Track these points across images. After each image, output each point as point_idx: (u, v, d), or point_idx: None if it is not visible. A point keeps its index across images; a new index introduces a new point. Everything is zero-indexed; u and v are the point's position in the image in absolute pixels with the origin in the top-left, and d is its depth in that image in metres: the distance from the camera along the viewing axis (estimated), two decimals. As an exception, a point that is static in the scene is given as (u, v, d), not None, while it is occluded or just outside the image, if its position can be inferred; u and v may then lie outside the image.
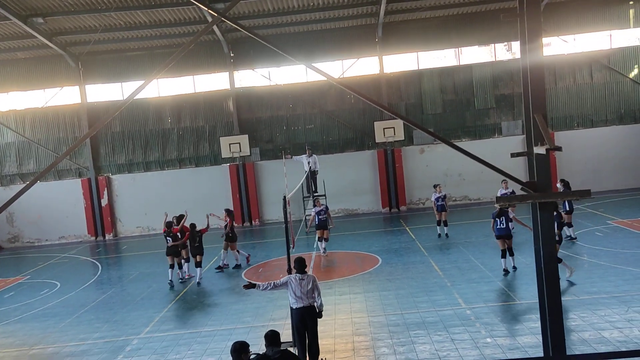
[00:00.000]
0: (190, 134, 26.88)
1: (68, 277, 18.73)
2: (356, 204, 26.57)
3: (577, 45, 25.91)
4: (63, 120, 26.92)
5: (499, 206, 7.56)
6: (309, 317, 9.03)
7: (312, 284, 9.07)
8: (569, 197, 7.23)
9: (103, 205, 26.71)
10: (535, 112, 7.09)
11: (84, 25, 23.62)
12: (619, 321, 10.06)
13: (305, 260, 9.35)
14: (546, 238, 7.31)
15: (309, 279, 9.11)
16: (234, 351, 6.31)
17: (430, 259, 16.12)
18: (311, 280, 9.10)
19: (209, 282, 16.03)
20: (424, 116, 26.32)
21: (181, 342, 11.23)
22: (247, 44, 26.06)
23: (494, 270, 14.21)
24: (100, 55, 26.28)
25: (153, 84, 26.06)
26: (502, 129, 26.32)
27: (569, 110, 26.10)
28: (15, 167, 27.11)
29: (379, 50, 25.98)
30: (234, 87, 26.44)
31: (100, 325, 13.02)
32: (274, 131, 26.79)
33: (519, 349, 9.28)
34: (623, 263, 13.76)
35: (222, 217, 18.01)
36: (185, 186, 26.59)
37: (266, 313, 12.56)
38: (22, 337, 12.72)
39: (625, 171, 25.32)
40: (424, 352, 9.51)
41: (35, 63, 26.45)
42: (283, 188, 15.57)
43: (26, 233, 27.09)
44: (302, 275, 9.09)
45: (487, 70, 26.09)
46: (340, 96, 26.36)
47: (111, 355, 10.91)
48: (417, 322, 11.03)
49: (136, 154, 27.01)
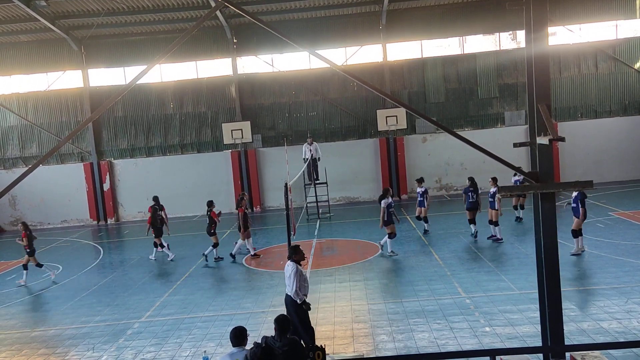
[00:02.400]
0: (193, 120, 26.85)
1: (70, 260, 18.83)
2: (357, 192, 26.58)
3: (583, 35, 25.73)
4: (65, 104, 26.90)
5: (497, 190, 7.53)
6: (287, 304, 9.12)
7: (287, 272, 9.10)
8: (570, 187, 7.23)
9: (105, 190, 26.78)
10: (539, 102, 7.07)
11: (87, 9, 23.51)
12: (618, 312, 10.09)
13: (295, 248, 9.30)
14: (547, 229, 7.32)
15: (287, 266, 9.18)
16: (234, 336, 6.35)
17: (430, 247, 16.15)
18: (286, 267, 9.16)
19: (210, 268, 16.11)
20: (427, 105, 26.24)
21: (182, 327, 11.30)
22: (250, 30, 25.94)
23: (494, 260, 14.25)
24: (103, 39, 26.19)
25: (156, 69, 26.00)
26: (505, 118, 26.24)
27: (573, 101, 26.00)
28: (17, 151, 27.14)
29: (382, 38, 25.84)
30: (237, 73, 26.37)
31: (101, 308, 13.10)
32: (276, 118, 26.74)
33: (518, 338, 9.33)
34: (623, 254, 13.78)
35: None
36: (186, 172, 26.65)
37: (266, 299, 12.62)
38: (23, 320, 12.82)
39: (628, 163, 25.27)
40: (423, 340, 9.56)
41: (38, 46, 26.38)
42: (284, 175, 15.61)
43: (29, 216, 27.16)
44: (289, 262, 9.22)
45: (491, 60, 25.96)
46: (343, 84, 26.27)
47: (112, 338, 10.99)
48: (417, 310, 11.07)
49: (138, 139, 27.01)
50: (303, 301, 9.03)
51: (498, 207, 15.85)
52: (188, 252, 18.38)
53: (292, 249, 9.29)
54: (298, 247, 9.35)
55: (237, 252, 16.85)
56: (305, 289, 9.13)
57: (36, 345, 11.03)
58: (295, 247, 9.31)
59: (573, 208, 14.29)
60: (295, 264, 9.12)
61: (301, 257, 9.20)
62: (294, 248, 9.28)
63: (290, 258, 9.19)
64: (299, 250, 9.23)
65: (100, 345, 10.72)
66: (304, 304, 9.04)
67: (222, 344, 10.10)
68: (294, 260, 9.16)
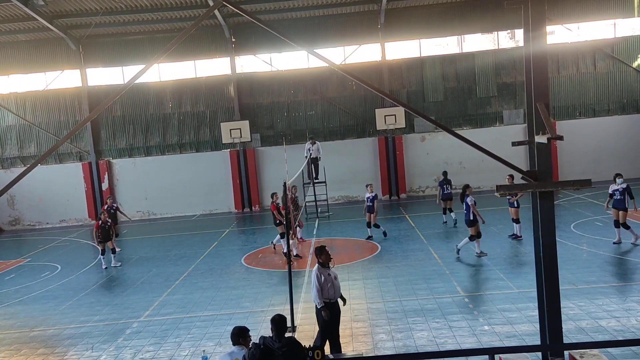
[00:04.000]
0: (191, 119, 26.83)
1: (69, 260, 18.80)
2: (356, 191, 26.57)
3: (581, 34, 25.75)
4: (64, 104, 26.87)
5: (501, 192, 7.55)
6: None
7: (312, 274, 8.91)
8: (569, 186, 7.23)
9: (104, 189, 26.75)
10: (538, 100, 7.08)
11: (85, 8, 23.48)
12: (617, 310, 10.11)
13: (321, 249, 8.97)
14: (546, 227, 7.33)
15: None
16: (234, 335, 6.34)
17: (429, 246, 16.16)
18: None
19: (208, 266, 16.10)
20: (425, 104, 26.23)
21: (181, 326, 11.30)
22: (248, 29, 25.92)
23: (492, 259, 14.26)
24: (101, 38, 26.16)
25: (154, 69, 25.97)
26: (504, 117, 26.24)
27: (572, 100, 26.02)
28: (16, 150, 27.10)
29: (381, 37, 25.83)
30: (235, 73, 26.34)
31: (100, 308, 13.10)
32: (275, 117, 26.73)
33: (516, 336, 9.33)
34: (622, 253, 13.81)
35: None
36: (185, 171, 26.64)
37: (265, 298, 12.62)
38: (22, 319, 12.80)
39: (626, 161, 25.28)
40: (422, 339, 9.56)
41: (36, 46, 26.34)
42: (283, 174, 15.59)
43: (27, 216, 27.17)
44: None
45: (490, 58, 25.96)
46: (342, 83, 26.26)
47: (111, 338, 10.99)
48: (416, 309, 11.08)
49: (137, 138, 26.99)
50: (322, 306, 8.68)
51: (515, 204, 15.78)
52: (187, 252, 18.37)
53: (317, 250, 8.94)
54: (324, 247, 8.98)
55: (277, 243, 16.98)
56: (329, 292, 8.76)
57: (35, 345, 11.03)
58: (321, 248, 8.94)
59: (618, 200, 14.44)
60: (317, 267, 8.84)
61: (327, 259, 8.86)
62: (320, 249, 8.92)
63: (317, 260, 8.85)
64: (324, 251, 8.89)
65: (99, 344, 10.71)
66: (322, 309, 8.69)
67: (221, 343, 10.10)
68: (319, 262, 8.86)
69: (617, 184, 14.56)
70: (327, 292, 8.79)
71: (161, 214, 26.95)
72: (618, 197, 14.61)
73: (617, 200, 14.61)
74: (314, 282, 8.76)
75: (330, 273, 8.90)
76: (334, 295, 8.86)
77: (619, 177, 14.67)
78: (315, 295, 8.76)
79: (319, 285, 8.72)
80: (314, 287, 8.75)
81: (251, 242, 19.10)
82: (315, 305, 8.86)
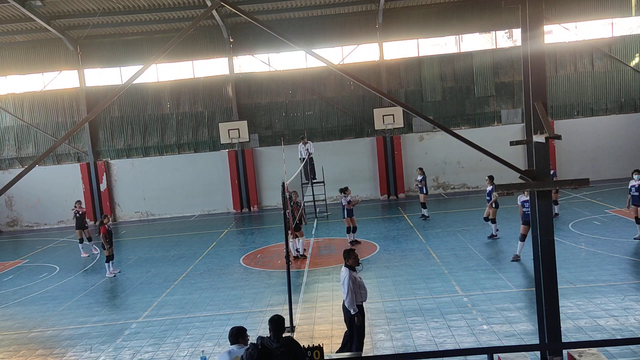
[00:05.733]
0: (189, 120, 26.82)
1: (67, 261, 18.79)
2: (355, 191, 26.45)
3: (579, 33, 25.78)
4: (62, 105, 26.84)
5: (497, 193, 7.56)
6: (344, 311, 8.65)
7: (341, 278, 8.59)
8: (567, 185, 7.25)
9: (102, 190, 26.72)
10: (536, 100, 7.10)
11: (82, 9, 23.44)
12: (615, 309, 10.12)
13: (349, 252, 8.73)
14: (544, 226, 7.34)
15: (341, 272, 8.69)
16: (232, 336, 6.34)
17: (428, 246, 16.17)
18: (341, 274, 8.67)
19: (207, 267, 16.09)
20: (423, 103, 26.25)
21: (179, 327, 11.29)
22: (246, 29, 25.92)
23: (491, 258, 14.28)
24: (99, 39, 26.13)
25: (152, 69, 25.95)
26: (502, 117, 26.27)
27: (569, 99, 26.04)
28: (14, 151, 27.07)
29: (379, 37, 25.84)
30: (233, 73, 26.33)
31: (99, 309, 13.09)
32: (273, 117, 26.72)
33: (515, 336, 9.34)
34: (620, 252, 13.82)
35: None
36: (184, 172, 26.62)
37: (264, 299, 12.62)
38: (21, 320, 12.78)
39: (624, 160, 25.30)
40: (421, 339, 9.57)
41: (33, 46, 26.30)
42: (282, 174, 15.62)
43: (25, 217, 27.13)
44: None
45: (488, 58, 25.98)
46: (340, 83, 26.26)
47: (110, 339, 10.98)
48: (414, 308, 11.09)
49: (135, 139, 26.96)
50: (356, 313, 8.40)
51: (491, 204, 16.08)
52: (185, 252, 18.37)
53: (346, 252, 8.65)
54: (353, 250, 8.75)
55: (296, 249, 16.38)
56: (361, 295, 8.54)
57: (34, 346, 11.01)
58: (350, 251, 8.69)
59: (636, 197, 14.45)
60: (348, 270, 8.47)
61: (356, 262, 8.58)
62: (348, 252, 8.66)
63: (345, 263, 8.55)
64: (352, 254, 8.61)
65: (98, 345, 10.70)
66: (355, 316, 8.40)
67: (220, 343, 10.10)
68: (347, 265, 8.53)
69: (635, 180, 14.52)
70: (360, 296, 8.53)
71: (159, 215, 26.94)
72: (634, 193, 14.58)
73: (635, 196, 14.60)
74: (349, 286, 8.34)
75: (357, 277, 8.62)
76: (364, 298, 8.63)
77: (636, 173, 14.55)
78: (350, 301, 8.36)
79: (354, 289, 8.37)
80: (349, 292, 8.33)
81: (250, 243, 19.09)
82: (347, 311, 8.46)
